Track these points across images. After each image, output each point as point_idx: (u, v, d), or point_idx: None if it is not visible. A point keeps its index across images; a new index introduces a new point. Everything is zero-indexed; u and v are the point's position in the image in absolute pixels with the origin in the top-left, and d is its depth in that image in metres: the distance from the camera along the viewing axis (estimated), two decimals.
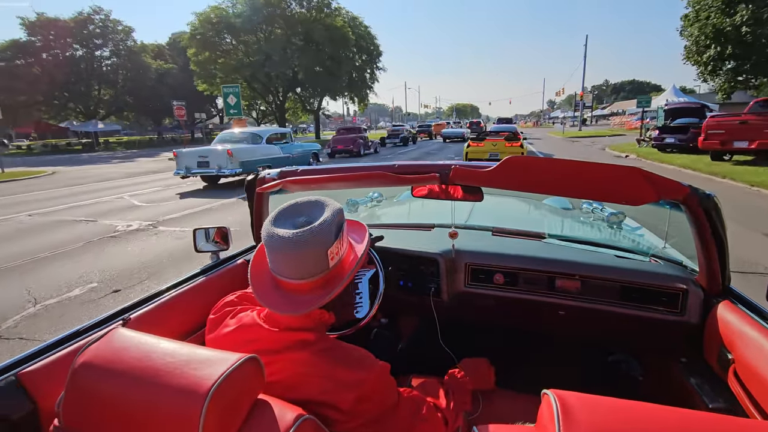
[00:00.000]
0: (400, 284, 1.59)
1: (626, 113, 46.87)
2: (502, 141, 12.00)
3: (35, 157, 28.83)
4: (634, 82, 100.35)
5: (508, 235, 1.74)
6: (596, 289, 1.38)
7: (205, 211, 7.15)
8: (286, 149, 11.45)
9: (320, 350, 0.82)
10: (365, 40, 33.43)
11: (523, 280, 1.46)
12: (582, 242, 1.64)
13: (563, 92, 57.06)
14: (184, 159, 9.73)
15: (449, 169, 1.14)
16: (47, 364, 0.95)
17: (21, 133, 44.20)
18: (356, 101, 36.63)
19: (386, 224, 2.02)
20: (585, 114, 44.65)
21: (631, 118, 41.70)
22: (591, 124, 62.74)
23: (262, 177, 1.45)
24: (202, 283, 1.40)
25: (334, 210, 0.85)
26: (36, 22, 37.50)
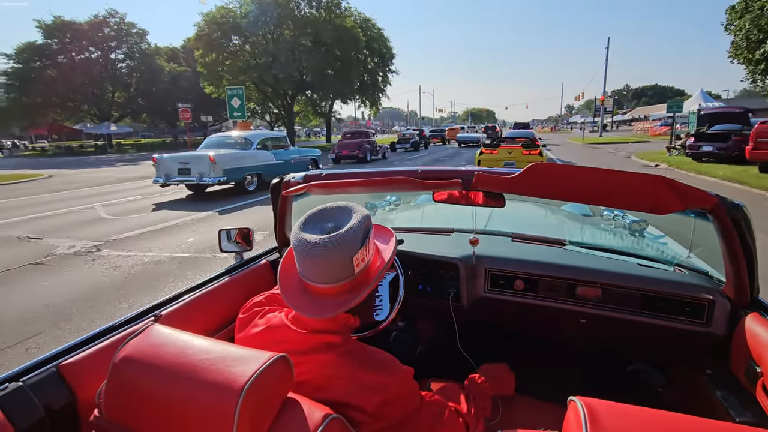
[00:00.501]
0: (419, 288, 1.57)
1: (650, 119, 44.76)
2: (519, 148, 10.78)
3: (47, 158, 29.20)
4: (656, 87, 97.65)
5: (528, 242, 1.71)
6: (618, 298, 1.35)
7: (168, 228, 6.19)
8: (281, 155, 10.48)
9: (345, 353, 0.83)
10: (378, 42, 32.51)
11: (544, 287, 1.43)
12: (604, 250, 1.60)
13: (582, 96, 55.16)
14: (163, 165, 8.83)
15: (472, 175, 1.14)
16: (85, 357, 0.99)
17: (37, 135, 44.57)
18: (368, 105, 35.73)
19: (406, 228, 1.98)
20: (605, 119, 42.82)
21: (655, 124, 39.86)
22: (611, 130, 60.74)
23: (287, 180, 1.48)
24: (226, 283, 1.44)
25: (362, 217, 0.86)
26: (52, 25, 37.77)
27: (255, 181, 9.59)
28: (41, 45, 37.64)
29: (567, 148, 25.43)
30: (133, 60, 42.84)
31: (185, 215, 7.04)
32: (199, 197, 9.13)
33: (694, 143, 13.27)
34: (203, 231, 5.88)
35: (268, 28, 25.47)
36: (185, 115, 23.50)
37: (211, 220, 6.62)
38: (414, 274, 1.56)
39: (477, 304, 1.53)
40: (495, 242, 1.70)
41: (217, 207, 7.69)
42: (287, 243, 1.67)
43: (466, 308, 1.52)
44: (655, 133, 35.60)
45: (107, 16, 40.15)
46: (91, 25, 38.98)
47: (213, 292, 1.38)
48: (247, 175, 9.28)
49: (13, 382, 0.89)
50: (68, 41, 38.46)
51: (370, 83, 33.72)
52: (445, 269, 1.54)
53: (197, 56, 25.69)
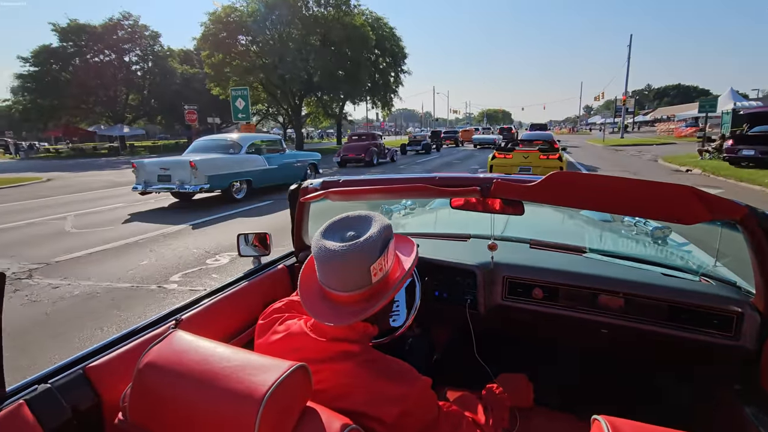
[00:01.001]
0: (436, 294, 1.55)
1: (675, 119, 42.74)
2: (535, 152, 9.71)
3: (60, 161, 29.41)
4: (679, 87, 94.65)
5: (546, 248, 1.68)
6: (641, 308, 1.30)
7: (127, 246, 5.41)
8: (274, 160, 9.66)
9: (364, 362, 0.83)
10: (389, 41, 31.64)
11: (564, 296, 1.40)
12: (625, 258, 1.55)
13: (603, 97, 53.19)
14: (143, 171, 8.09)
15: (491, 183, 1.13)
16: (109, 360, 1.00)
17: (56, 138, 45.09)
18: (380, 106, 34.88)
19: (422, 233, 1.93)
20: (626, 120, 41.04)
21: (680, 125, 37.99)
22: (632, 131, 58.70)
23: (305, 187, 1.48)
24: (244, 287, 1.44)
25: (382, 226, 0.86)
26: (67, 28, 38.08)
27: (244, 188, 8.79)
28: (57, 48, 37.98)
29: (587, 150, 24.08)
30: (146, 62, 43.01)
31: (155, 229, 6.26)
32: (182, 206, 8.37)
33: (733, 146, 11.98)
34: (162, 251, 5.07)
35: (275, 27, 24.84)
36: (191, 116, 23.07)
37: (178, 237, 5.81)
38: (430, 281, 1.53)
39: (494, 311, 1.50)
40: (513, 249, 1.67)
41: (194, 219, 6.90)
42: (304, 248, 1.68)
43: (483, 316, 1.50)
44: (680, 135, 33.84)
45: (121, 18, 40.40)
46: (105, 27, 39.22)
47: (231, 297, 1.38)
48: (235, 181, 8.49)
49: (41, 384, 0.90)
50: (83, 44, 38.76)
51: (382, 84, 32.86)
52: (462, 276, 1.51)
53: (203, 57, 25.22)
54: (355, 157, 16.43)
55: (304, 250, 1.71)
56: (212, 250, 5.05)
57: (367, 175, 1.39)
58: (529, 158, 9.67)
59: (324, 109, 32.73)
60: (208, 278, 4.07)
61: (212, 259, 4.70)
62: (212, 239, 5.57)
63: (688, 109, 42.97)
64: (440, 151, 26.42)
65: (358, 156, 16.39)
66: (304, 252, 1.70)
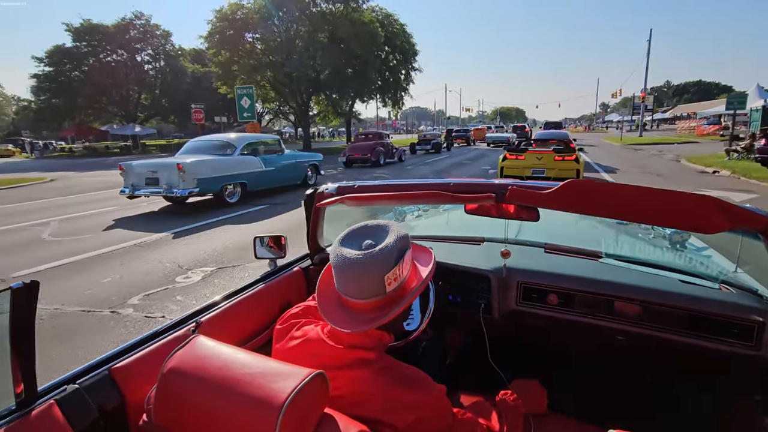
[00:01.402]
0: (449, 298, 1.54)
1: (697, 117, 41.15)
2: (550, 153, 9.02)
3: (72, 160, 29.78)
4: (700, 83, 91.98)
5: (561, 253, 1.65)
6: (659, 316, 1.28)
7: (97, 258, 4.98)
8: (271, 162, 9.17)
9: (380, 369, 0.83)
10: (400, 38, 30.95)
11: (579, 302, 1.39)
12: (643, 263, 1.51)
13: (620, 93, 51.64)
14: (131, 174, 7.67)
15: (506, 189, 1.12)
16: (133, 361, 1.02)
17: (66, 136, 45.59)
18: (390, 104, 34.24)
19: (435, 236, 1.92)
20: (644, 117, 39.63)
21: (702, 123, 36.51)
22: (651, 129, 57.00)
23: (320, 192, 1.49)
24: (261, 290, 1.46)
25: (398, 236, 0.87)
26: (81, 29, 38.36)
27: (238, 191, 8.32)
28: (70, 48, 38.31)
29: (604, 149, 23.11)
30: (157, 61, 43.17)
31: (134, 237, 5.81)
32: (172, 210, 7.94)
33: (766, 146, 11.09)
34: (132, 265, 4.60)
35: (282, 23, 24.42)
36: (198, 116, 22.85)
37: (155, 247, 5.34)
38: (444, 285, 1.52)
39: (508, 317, 1.49)
40: (527, 253, 1.65)
41: (179, 225, 6.44)
42: (319, 250, 1.70)
43: (497, 321, 1.48)
44: (702, 133, 32.45)
45: (133, 18, 40.60)
46: (118, 27, 39.45)
47: (249, 299, 1.40)
48: (228, 185, 8.02)
49: (70, 384, 0.92)
50: (96, 44, 39.04)
51: (392, 81, 32.22)
52: (476, 281, 1.50)
53: (210, 55, 24.95)
54: (361, 157, 15.89)
55: (319, 253, 1.71)
56: (186, 264, 4.56)
57: (382, 181, 1.38)
58: (543, 160, 8.98)
59: (333, 108, 32.23)
60: (171, 302, 3.57)
61: (183, 276, 4.20)
62: (191, 250, 5.08)
63: (710, 106, 41.33)
64: (450, 150, 25.71)
65: (364, 156, 15.85)
66: (319, 254, 1.71)
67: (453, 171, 14.14)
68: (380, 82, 31.45)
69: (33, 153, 39.51)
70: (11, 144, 44.56)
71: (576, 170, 8.67)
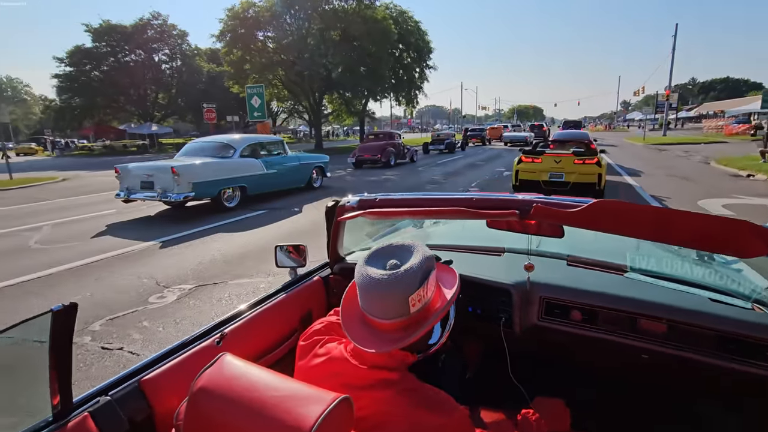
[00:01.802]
0: (469, 310, 1.51)
1: (725, 115, 39.40)
2: (569, 156, 8.39)
3: (92, 158, 30.48)
4: (727, 80, 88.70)
5: (585, 266, 1.61)
6: (686, 336, 1.23)
7: (75, 271, 4.66)
8: (273, 164, 8.80)
9: (403, 391, 0.83)
10: (414, 35, 30.35)
11: (603, 319, 1.34)
12: (669, 279, 1.45)
13: (643, 91, 49.92)
14: (126, 178, 7.39)
15: (530, 207, 1.11)
16: (161, 373, 1.05)
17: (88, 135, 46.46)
18: (404, 103, 33.68)
19: (454, 245, 1.88)
20: (668, 116, 38.11)
21: (730, 121, 34.89)
22: (675, 128, 55.07)
23: (341, 205, 1.50)
24: (283, 300, 1.48)
25: (423, 257, 0.86)
26: (100, 29, 38.93)
27: (237, 195, 7.96)
28: (90, 48, 38.91)
29: (626, 150, 22.14)
30: (174, 61, 43.57)
31: (121, 246, 5.48)
32: (169, 214, 7.63)
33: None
34: (108, 281, 4.24)
35: (293, 20, 24.13)
36: (210, 115, 22.76)
37: (138, 259, 4.99)
38: (464, 296, 1.48)
39: (530, 332, 1.44)
40: (549, 266, 1.61)
41: (171, 233, 6.10)
42: (339, 260, 1.72)
43: (518, 335, 1.44)
44: (731, 132, 30.97)
45: (151, 18, 41.05)
46: (135, 27, 39.92)
47: (271, 309, 1.42)
48: (225, 188, 7.66)
49: (102, 396, 0.94)
50: (115, 44, 39.59)
51: (406, 80, 31.65)
52: (497, 294, 1.47)
53: (222, 54, 24.84)
54: (371, 157, 15.45)
55: (338, 262, 1.71)
56: (165, 280, 4.18)
57: (403, 194, 1.40)
58: (562, 163, 8.37)
59: (346, 107, 31.86)
60: (135, 329, 3.18)
61: (158, 295, 3.82)
62: (174, 263, 4.71)
63: (738, 104, 39.57)
64: (465, 150, 25.05)
65: (373, 157, 15.41)
66: (339, 264, 1.70)
67: (466, 173, 13.57)
68: (394, 81, 30.92)
69: (54, 151, 40.39)
70: (34, 143, 45.72)
71: (597, 174, 8.05)
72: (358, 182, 11.88)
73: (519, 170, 8.87)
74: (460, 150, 24.63)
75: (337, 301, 1.64)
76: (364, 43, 22.98)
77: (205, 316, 3.37)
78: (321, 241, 1.77)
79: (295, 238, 5.64)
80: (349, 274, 1.58)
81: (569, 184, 8.27)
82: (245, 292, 3.83)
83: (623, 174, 11.90)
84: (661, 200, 7.89)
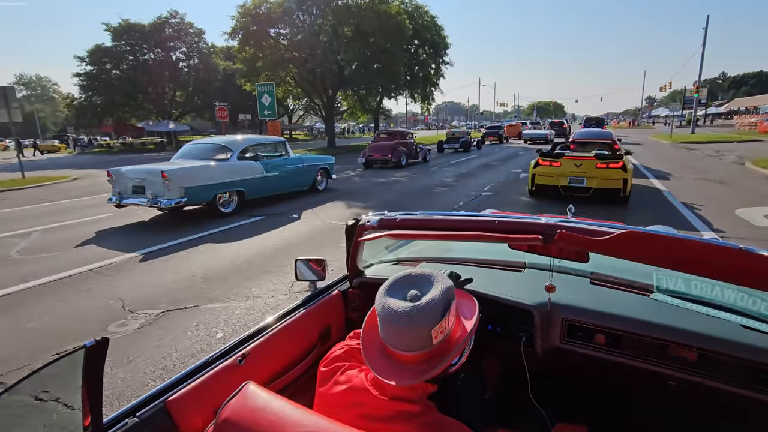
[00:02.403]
0: (489, 327, 1.48)
1: (759, 111, 37.37)
2: (591, 159, 7.72)
3: (111, 155, 31.03)
4: (760, 74, 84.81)
5: (609, 285, 1.55)
6: (717, 365, 1.17)
7: (42, 290, 4.31)
8: (273, 166, 8.38)
9: (424, 424, 0.82)
10: (430, 31, 29.60)
11: (628, 344, 1.29)
12: (698, 302, 1.38)
13: (670, 86, 47.86)
14: (119, 182, 7.06)
15: (554, 232, 1.08)
16: (186, 393, 1.06)
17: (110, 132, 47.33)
18: (420, 99, 32.98)
19: (473, 259, 1.84)
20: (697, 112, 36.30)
21: (765, 118, 33.03)
22: (704, 125, 52.73)
23: (362, 224, 1.50)
24: (303, 315, 1.48)
25: (444, 288, 0.86)
26: (119, 28, 39.45)
27: (234, 200, 7.57)
28: (110, 47, 39.48)
29: (651, 148, 21.02)
30: (191, 59, 43.90)
31: (101, 258, 5.13)
32: (162, 220, 7.28)
33: None
34: (72, 303, 3.86)
35: (306, 17, 23.72)
36: (221, 113, 22.59)
37: (112, 275, 4.61)
38: (484, 314, 1.37)
39: (551, 354, 1.41)
40: (572, 284, 1.56)
41: (157, 242, 5.73)
42: (358, 274, 1.73)
43: (539, 356, 1.41)
44: (765, 130, 29.24)
45: (169, 17, 41.42)
46: (153, 26, 40.33)
47: (291, 325, 1.42)
48: (221, 193, 7.27)
49: (131, 418, 0.97)
50: (134, 43, 40.10)
51: (422, 76, 30.95)
52: (518, 314, 1.43)
53: (234, 51, 24.62)
54: (381, 157, 14.93)
55: (358, 276, 1.72)
56: (134, 302, 3.78)
57: (424, 214, 1.41)
58: (583, 167, 7.70)
59: (361, 104, 31.36)
60: None
61: (119, 322, 3.41)
62: (150, 280, 4.32)
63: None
64: (481, 149, 24.28)
65: (384, 156, 14.88)
66: (358, 278, 1.71)
67: (479, 174, 12.92)
68: (409, 77, 30.25)
69: (75, 149, 41.25)
70: (58, 140, 46.84)
71: (623, 180, 7.36)
72: (366, 184, 11.38)
73: (536, 174, 8.24)
74: (476, 149, 23.88)
75: (355, 316, 1.65)
76: (378, 39, 22.39)
77: (165, 351, 2.94)
78: (319, 255, 1.78)
79: (287, 251, 5.22)
80: (368, 289, 1.62)
81: (591, 190, 7.60)
82: (215, 321, 3.39)
83: (650, 176, 11.08)
84: (693, 208, 7.15)
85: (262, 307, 3.64)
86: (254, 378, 1.16)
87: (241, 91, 34.87)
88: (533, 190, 8.44)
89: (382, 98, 31.42)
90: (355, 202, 8.62)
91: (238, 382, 1.02)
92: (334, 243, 5.49)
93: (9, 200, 10.43)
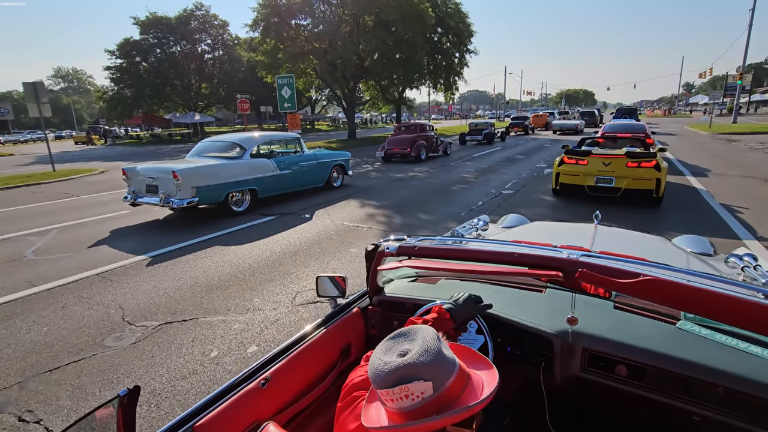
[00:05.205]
0: (508, 350, 1.46)
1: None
2: (622, 158, 7.20)
3: (141, 147, 32.08)
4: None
5: (633, 311, 1.48)
6: (744, 405, 1.11)
7: (48, 296, 4.30)
8: (288, 164, 8.24)
9: None
10: (454, 18, 28.75)
11: (651, 377, 1.24)
12: (727, 332, 1.31)
13: (710, 73, 45.18)
14: (133, 180, 7.06)
15: (576, 269, 1.08)
16: (212, 417, 1.08)
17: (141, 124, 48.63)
18: (443, 89, 32.24)
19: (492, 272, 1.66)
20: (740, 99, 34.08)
21: None
22: (747, 113, 49.73)
23: (381, 250, 1.53)
24: (323, 334, 1.49)
25: (423, 348, 0.79)
26: (147, 21, 40.21)
27: (246, 199, 7.48)
28: (138, 40, 40.33)
29: (688, 140, 19.83)
30: (216, 51, 44.40)
31: (111, 260, 5.12)
32: (176, 218, 7.27)
33: None
34: (72, 312, 3.81)
35: (327, 7, 23.40)
36: (243, 105, 22.70)
37: (118, 279, 4.56)
38: (503, 337, 1.46)
39: (571, 382, 1.38)
40: (594, 308, 1.51)
41: (167, 243, 5.69)
42: (378, 291, 1.76)
43: (558, 384, 1.39)
44: None
45: (194, 9, 41.92)
46: (180, 19, 40.93)
47: (312, 345, 1.42)
48: (233, 192, 7.19)
49: None
50: (161, 35, 40.83)
51: (445, 65, 30.19)
52: (538, 340, 1.40)
53: (255, 43, 24.58)
54: (400, 151, 14.62)
55: (377, 294, 1.75)
56: (133, 312, 3.70)
57: (441, 240, 1.50)
58: (612, 165, 7.20)
59: (382, 94, 30.92)
60: (67, 389, 2.66)
61: (116, 335, 3.33)
62: (152, 288, 4.24)
63: None
64: (505, 141, 23.55)
65: (403, 150, 14.56)
66: (378, 296, 1.74)
67: (501, 169, 12.44)
68: (432, 66, 29.56)
69: (106, 140, 42.58)
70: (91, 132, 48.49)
71: (656, 180, 6.84)
72: (383, 180, 11.10)
73: (560, 172, 7.78)
74: (500, 140, 23.18)
75: (375, 333, 1.70)
76: (399, 28, 21.86)
77: (155, 372, 2.82)
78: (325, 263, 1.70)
79: (293, 257, 5.05)
80: (387, 307, 1.69)
81: (620, 191, 7.11)
82: (211, 337, 3.25)
83: (686, 173, 10.37)
84: (734, 211, 6.57)
85: (262, 321, 3.49)
86: (276, 401, 1.25)
87: (264, 83, 34.99)
88: (557, 189, 7.99)
89: (404, 89, 30.89)
90: (369, 201, 8.40)
91: (261, 405, 1.15)
92: (344, 248, 5.30)
93: (38, 194, 10.73)
